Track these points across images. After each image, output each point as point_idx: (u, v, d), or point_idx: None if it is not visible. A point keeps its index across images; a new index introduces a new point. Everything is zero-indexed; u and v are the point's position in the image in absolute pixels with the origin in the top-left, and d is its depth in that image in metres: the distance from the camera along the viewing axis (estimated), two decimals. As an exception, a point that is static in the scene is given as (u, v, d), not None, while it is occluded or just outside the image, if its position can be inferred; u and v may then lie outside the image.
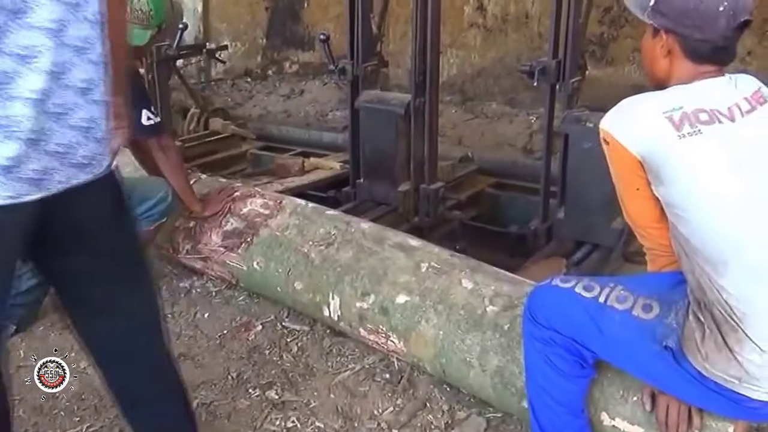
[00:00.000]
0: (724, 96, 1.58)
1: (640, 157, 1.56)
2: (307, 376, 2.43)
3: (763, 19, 5.19)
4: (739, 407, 1.58)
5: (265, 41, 7.80)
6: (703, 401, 1.66)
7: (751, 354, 1.49)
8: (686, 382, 1.59)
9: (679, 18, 1.57)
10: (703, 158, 1.51)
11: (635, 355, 1.66)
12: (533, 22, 5.91)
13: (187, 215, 3.02)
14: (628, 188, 1.66)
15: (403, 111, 3.66)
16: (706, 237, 1.53)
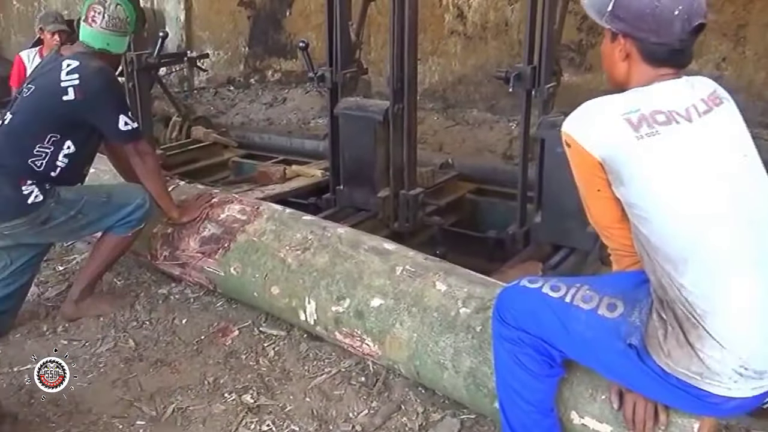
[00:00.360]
0: (682, 97, 1.62)
1: (601, 159, 1.59)
2: (283, 381, 2.44)
3: (737, 25, 5.28)
4: (702, 403, 1.60)
5: (247, 50, 7.82)
6: (667, 398, 1.69)
7: (712, 350, 1.52)
8: (650, 379, 1.62)
9: (636, 22, 1.61)
10: (662, 158, 1.55)
11: (601, 353, 1.69)
12: (513, 30, 5.98)
13: (165, 221, 3.02)
14: (589, 190, 1.70)
15: (381, 117, 3.69)
16: (665, 236, 1.56)
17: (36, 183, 2.62)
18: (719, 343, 1.52)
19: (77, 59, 2.71)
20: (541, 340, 1.75)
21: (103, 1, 2.78)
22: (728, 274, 1.54)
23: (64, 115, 2.67)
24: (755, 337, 1.52)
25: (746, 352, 1.51)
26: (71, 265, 3.36)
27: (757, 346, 1.52)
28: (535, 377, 1.78)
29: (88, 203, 2.74)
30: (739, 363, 1.52)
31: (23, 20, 9.40)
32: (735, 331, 1.52)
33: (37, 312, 2.94)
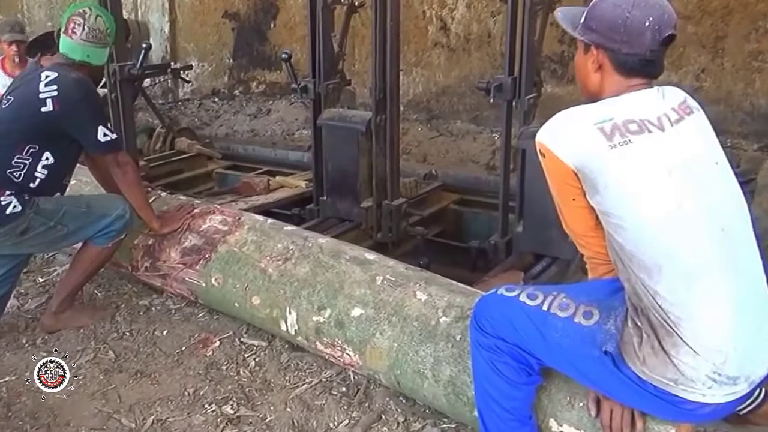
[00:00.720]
0: (654, 107, 1.64)
1: (575, 168, 1.61)
2: (264, 391, 2.43)
3: (716, 36, 5.36)
4: (677, 409, 1.61)
5: (231, 61, 7.84)
6: (643, 405, 1.70)
7: (686, 357, 1.54)
8: (626, 386, 1.63)
9: (608, 33, 1.64)
10: (635, 167, 1.57)
11: (577, 360, 1.70)
12: (495, 42, 6.02)
13: (146, 232, 3.01)
14: (564, 199, 1.71)
15: (364, 128, 3.71)
16: (639, 243, 1.58)
17: (14, 194, 2.61)
18: (693, 349, 1.53)
19: (56, 71, 2.71)
20: (518, 348, 1.76)
21: (83, 13, 2.78)
22: (702, 281, 1.56)
23: (43, 126, 2.66)
24: (728, 343, 1.54)
25: (719, 359, 1.53)
26: (51, 277, 3.34)
27: (730, 353, 1.54)
28: (512, 385, 1.79)
29: (68, 213, 2.73)
30: (712, 369, 1.53)
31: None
32: (708, 338, 1.54)
33: (17, 324, 2.92)
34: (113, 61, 4.23)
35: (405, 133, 5.90)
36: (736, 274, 1.58)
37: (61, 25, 2.82)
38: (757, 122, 5.32)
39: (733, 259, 1.58)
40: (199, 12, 7.92)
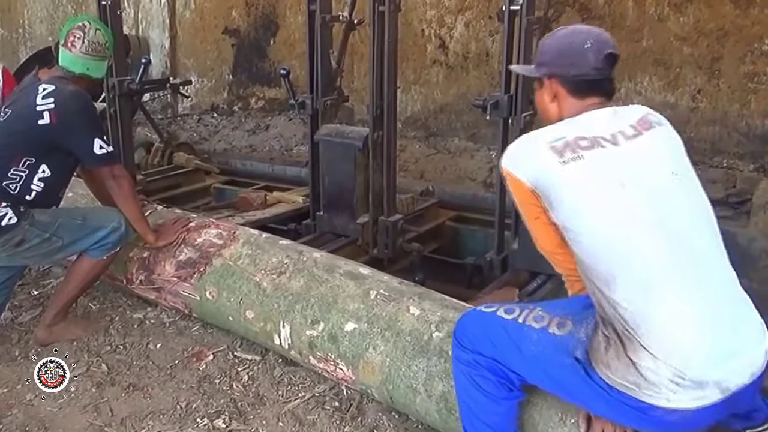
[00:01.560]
0: (608, 124, 1.72)
1: (532, 187, 1.69)
2: (257, 405, 2.42)
3: (712, 58, 5.39)
4: (646, 417, 1.59)
5: (231, 77, 7.87)
6: (612, 413, 1.69)
7: (646, 361, 1.54)
8: (597, 394, 1.63)
9: (556, 60, 1.81)
10: (586, 180, 1.64)
11: (552, 370, 1.71)
12: (493, 60, 6.06)
13: (141, 245, 3.01)
14: (529, 218, 1.78)
15: (361, 144, 3.72)
16: (594, 255, 1.62)
17: (10, 205, 2.62)
18: (652, 354, 1.54)
19: (53, 83, 2.73)
20: (496, 362, 1.78)
21: (83, 26, 2.81)
22: (657, 288, 1.58)
23: (39, 138, 2.67)
24: (689, 347, 1.54)
25: (680, 363, 1.53)
26: (46, 290, 3.33)
27: (693, 357, 1.53)
28: (493, 400, 1.80)
29: (63, 226, 2.73)
30: (674, 373, 1.53)
31: (7, 46, 9.43)
32: (667, 342, 1.55)
33: (10, 336, 2.91)
34: (113, 76, 4.28)
35: (403, 149, 5.92)
36: (698, 281, 1.59)
37: (59, 38, 2.84)
38: (753, 143, 5.34)
39: (694, 266, 1.60)
40: (200, 28, 7.97)
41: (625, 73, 5.70)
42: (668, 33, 5.52)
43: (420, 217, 4.35)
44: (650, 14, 5.57)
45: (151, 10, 8.09)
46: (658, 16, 5.55)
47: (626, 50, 5.66)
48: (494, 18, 5.86)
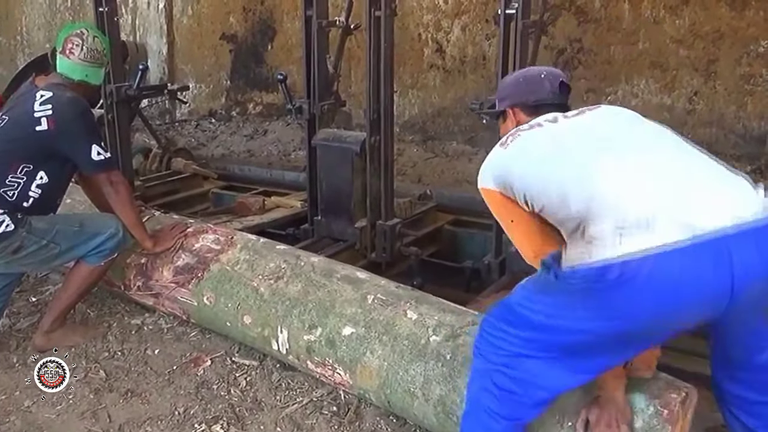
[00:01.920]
0: (550, 116, 1.88)
1: (497, 187, 1.82)
2: (255, 411, 2.42)
3: (708, 60, 5.41)
4: (613, 290, 1.53)
5: (229, 83, 7.89)
6: (586, 306, 1.61)
7: (591, 228, 1.59)
8: (570, 296, 1.62)
9: (515, 91, 2.03)
10: (524, 147, 1.82)
11: (548, 305, 1.68)
12: (490, 64, 6.07)
13: (139, 251, 3.01)
14: (507, 224, 1.88)
15: (358, 148, 3.73)
16: (548, 194, 1.71)
17: (7, 212, 2.62)
18: (596, 221, 1.58)
19: (51, 90, 2.73)
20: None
21: (81, 34, 2.82)
22: (597, 171, 1.66)
23: (37, 145, 2.67)
24: (625, 195, 1.58)
25: (618, 212, 1.55)
26: (44, 296, 3.33)
27: (628, 201, 1.56)
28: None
29: (60, 232, 2.73)
30: (614, 224, 1.54)
31: (5, 53, 9.44)
32: (606, 203, 1.59)
33: (8, 343, 2.91)
34: (110, 82, 4.29)
35: (400, 153, 5.93)
36: (638, 152, 1.68)
37: (56, 45, 2.84)
38: (750, 144, 5.36)
39: (639, 150, 1.70)
40: (197, 34, 7.99)
41: (622, 76, 5.72)
42: (664, 35, 5.54)
43: (418, 220, 4.34)
44: (646, 17, 5.59)
45: (149, 17, 8.11)
46: (654, 19, 5.57)
47: (622, 53, 5.69)
48: (490, 22, 5.90)
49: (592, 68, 5.83)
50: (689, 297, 1.50)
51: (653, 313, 1.52)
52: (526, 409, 1.76)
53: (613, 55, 5.72)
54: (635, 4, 5.60)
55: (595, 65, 5.81)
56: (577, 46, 5.82)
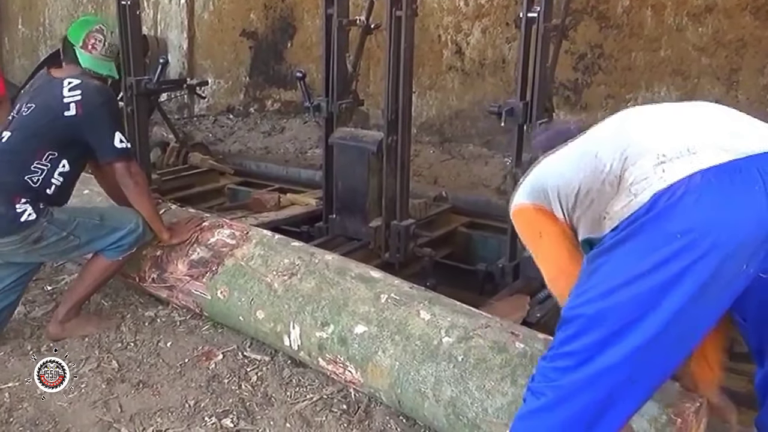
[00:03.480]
0: None
1: (530, 199, 1.81)
2: (265, 406, 2.43)
3: (730, 69, 5.36)
4: (657, 219, 1.48)
5: (248, 79, 7.91)
6: (640, 252, 1.51)
7: (631, 175, 1.55)
8: (618, 252, 1.54)
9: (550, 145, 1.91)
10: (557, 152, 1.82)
11: (605, 292, 1.55)
12: (510, 67, 6.04)
13: (155, 243, 3.03)
14: (535, 240, 1.83)
15: (375, 148, 3.73)
16: (585, 167, 1.67)
17: (30, 201, 2.64)
18: (633, 168, 1.55)
19: (78, 78, 2.78)
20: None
21: (102, 29, 2.88)
22: (636, 127, 1.67)
23: (64, 131, 2.71)
24: (663, 136, 1.57)
25: (659, 149, 1.53)
26: (60, 286, 3.36)
27: (666, 139, 1.55)
28: None
29: (81, 225, 2.76)
30: (655, 160, 1.52)
31: (27, 44, 9.53)
32: (644, 145, 1.57)
33: (23, 331, 2.94)
34: (130, 75, 4.32)
35: (417, 155, 5.92)
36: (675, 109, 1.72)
37: (73, 39, 2.86)
38: (771, 155, 5.30)
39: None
40: (218, 30, 8.02)
41: (642, 83, 5.68)
42: (687, 43, 5.49)
43: (432, 222, 4.34)
44: (669, 24, 5.54)
45: (170, 11, 8.15)
46: (677, 26, 5.52)
47: (644, 60, 5.64)
48: (511, 25, 5.88)
49: (612, 74, 5.79)
50: (744, 209, 1.44)
51: (711, 226, 1.44)
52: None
53: (634, 62, 5.68)
54: (658, 10, 5.56)
55: (615, 71, 5.76)
56: (597, 51, 5.79)
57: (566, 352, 1.57)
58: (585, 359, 1.53)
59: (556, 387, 1.58)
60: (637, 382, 1.54)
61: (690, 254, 1.43)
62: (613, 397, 1.54)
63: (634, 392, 1.56)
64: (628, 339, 1.49)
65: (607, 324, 1.51)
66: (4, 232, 2.64)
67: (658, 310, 1.47)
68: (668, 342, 1.50)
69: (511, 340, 2.13)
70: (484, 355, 2.09)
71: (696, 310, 1.48)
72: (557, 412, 1.58)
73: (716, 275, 1.45)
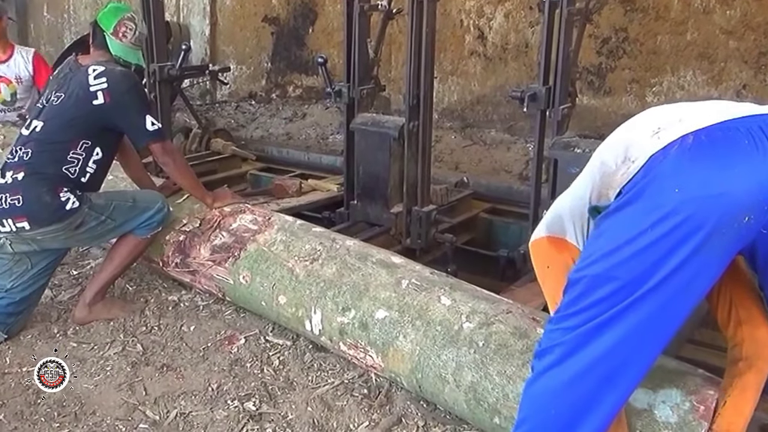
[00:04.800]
0: None
1: (548, 231, 1.83)
2: (286, 390, 2.45)
3: (759, 52, 5.26)
4: (664, 173, 1.51)
5: (269, 65, 7.92)
6: (639, 219, 1.53)
7: (629, 150, 1.60)
8: (622, 212, 1.57)
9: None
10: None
11: (610, 255, 1.56)
12: (533, 52, 5.99)
13: (178, 229, 3.06)
14: (543, 271, 1.87)
15: (396, 134, 3.72)
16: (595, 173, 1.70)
17: (70, 190, 2.70)
18: (631, 146, 1.60)
19: (102, 65, 2.82)
20: None
21: (133, 18, 2.95)
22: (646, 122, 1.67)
23: (95, 119, 2.76)
24: (659, 111, 1.67)
25: (652, 119, 1.61)
26: (85, 270, 3.41)
27: (664, 112, 1.64)
28: None
29: (117, 208, 2.83)
30: (650, 132, 1.58)
31: (53, 31, 9.61)
32: (640, 123, 1.64)
33: (49, 314, 2.99)
34: (153, 61, 4.35)
35: (438, 140, 5.90)
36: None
37: (104, 25, 2.89)
38: (799, 140, 5.20)
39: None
40: (240, 16, 8.03)
41: (668, 67, 5.59)
42: (714, 26, 5.40)
43: (454, 208, 4.32)
44: (696, 6, 5.45)
45: (193, -2, 8.18)
46: (704, 9, 5.42)
47: (669, 43, 5.56)
48: (534, 9, 5.81)
49: (637, 58, 5.71)
50: (739, 163, 1.47)
51: (707, 179, 1.47)
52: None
53: (659, 46, 5.59)
54: (685, -7, 5.47)
55: (640, 55, 5.68)
56: (622, 35, 5.71)
57: (572, 312, 1.58)
58: (592, 316, 1.54)
59: (563, 344, 1.58)
60: (646, 334, 1.54)
61: (689, 206, 1.46)
62: (623, 351, 1.53)
63: (644, 346, 1.55)
64: (635, 293, 1.50)
65: (612, 281, 1.53)
66: (50, 221, 2.69)
67: (662, 262, 1.48)
68: (675, 293, 1.51)
69: (533, 326, 2.13)
70: (505, 341, 2.09)
71: (699, 260, 1.49)
72: (566, 369, 1.57)
73: (717, 225, 1.46)
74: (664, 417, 1.78)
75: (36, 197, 2.66)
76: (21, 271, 2.81)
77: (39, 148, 2.74)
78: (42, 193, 2.66)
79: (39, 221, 2.67)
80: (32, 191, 2.66)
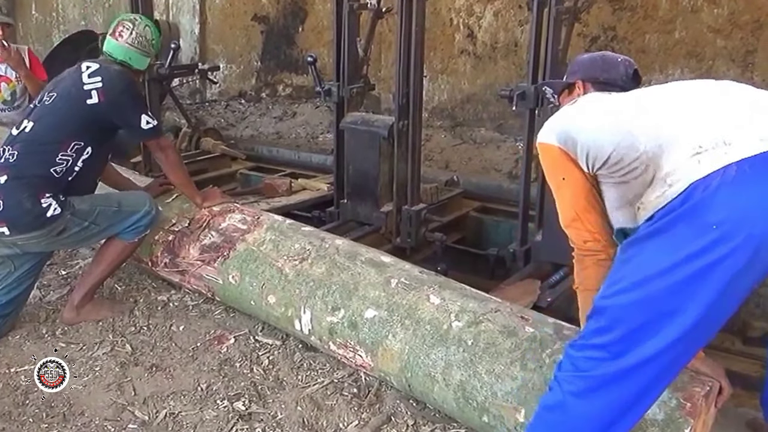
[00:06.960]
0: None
1: (560, 143, 1.80)
2: (276, 389, 2.45)
3: (746, 51, 5.30)
4: (694, 209, 1.48)
5: (259, 64, 7.91)
6: (674, 242, 1.51)
7: (665, 166, 1.57)
8: (655, 240, 1.53)
9: (589, 67, 2.02)
10: (596, 101, 1.86)
11: (639, 281, 1.53)
12: (522, 50, 6.01)
13: (167, 229, 3.05)
14: (558, 181, 1.84)
15: (386, 132, 3.73)
16: (618, 139, 1.67)
17: (53, 195, 2.63)
18: (668, 161, 1.56)
19: (97, 62, 2.79)
20: None
21: (134, 20, 2.92)
22: (665, 115, 1.66)
23: (89, 119, 2.71)
24: (695, 124, 1.58)
25: (691, 138, 1.54)
26: (74, 270, 3.39)
27: (700, 127, 1.56)
28: None
29: (101, 213, 2.78)
30: (690, 151, 1.53)
31: (41, 30, 9.56)
32: (675, 136, 1.58)
33: (38, 315, 2.97)
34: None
35: (428, 139, 5.92)
36: (708, 90, 1.70)
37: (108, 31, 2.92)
38: (787, 138, 5.24)
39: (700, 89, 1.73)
40: (229, 15, 8.02)
41: (656, 65, 5.62)
42: (701, 25, 5.43)
43: (444, 207, 4.34)
44: (684, 5, 5.48)
45: (182, -4, 8.16)
46: (692, 7, 5.46)
47: (658, 42, 5.59)
48: (524, 8, 5.84)
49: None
50: None
51: (747, 216, 1.43)
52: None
53: (647, 44, 5.62)
54: (673, -9, 5.50)
55: (629, 54, 5.65)
56: (611, 33, 5.74)
57: (599, 344, 1.57)
58: (619, 351, 1.53)
59: (587, 377, 1.58)
60: (668, 372, 1.56)
61: (726, 245, 1.43)
62: (647, 388, 1.55)
63: (662, 382, 1.58)
64: (665, 330, 1.49)
65: (641, 315, 1.51)
66: (31, 228, 2.63)
67: (694, 300, 1.46)
68: (700, 331, 1.51)
69: (521, 325, 2.13)
70: (494, 340, 2.10)
71: (728, 299, 1.49)
72: (587, 403, 1.58)
73: (750, 265, 1.45)
74: (651, 414, 1.79)
75: (17, 203, 2.59)
76: (4, 274, 2.79)
77: (27, 149, 2.67)
78: (23, 199, 2.59)
79: (19, 227, 2.62)
80: (13, 197, 2.60)
